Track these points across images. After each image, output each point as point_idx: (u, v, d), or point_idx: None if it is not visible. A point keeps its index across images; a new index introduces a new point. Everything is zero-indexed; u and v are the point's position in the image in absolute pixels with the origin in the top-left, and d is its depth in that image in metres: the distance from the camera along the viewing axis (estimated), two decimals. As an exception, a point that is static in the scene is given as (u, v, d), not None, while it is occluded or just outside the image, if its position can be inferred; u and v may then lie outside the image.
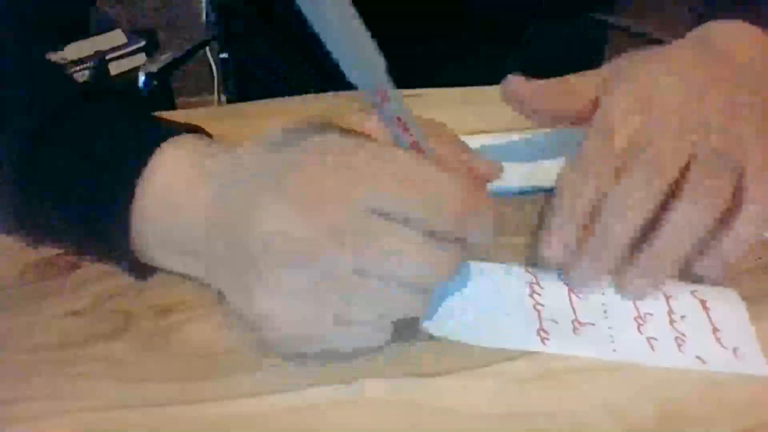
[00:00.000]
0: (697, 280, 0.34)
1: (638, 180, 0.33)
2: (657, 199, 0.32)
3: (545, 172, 0.42)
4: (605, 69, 0.40)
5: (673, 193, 0.33)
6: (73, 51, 1.41)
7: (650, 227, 0.33)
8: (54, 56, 1.32)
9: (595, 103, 0.38)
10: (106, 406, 0.29)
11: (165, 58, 0.84)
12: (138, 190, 0.32)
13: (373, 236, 0.27)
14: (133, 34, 1.56)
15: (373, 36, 0.25)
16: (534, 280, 0.34)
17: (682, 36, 0.42)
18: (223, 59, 0.83)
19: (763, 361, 0.30)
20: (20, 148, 0.33)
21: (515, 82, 0.39)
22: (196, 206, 0.31)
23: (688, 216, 0.32)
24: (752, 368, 0.30)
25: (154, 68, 0.82)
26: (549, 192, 0.40)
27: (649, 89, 0.36)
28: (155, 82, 0.81)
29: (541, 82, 0.39)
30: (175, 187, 0.32)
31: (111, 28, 1.52)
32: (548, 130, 0.45)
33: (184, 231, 0.32)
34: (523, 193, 0.41)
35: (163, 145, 0.33)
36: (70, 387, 0.30)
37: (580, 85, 0.39)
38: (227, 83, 0.86)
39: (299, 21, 0.23)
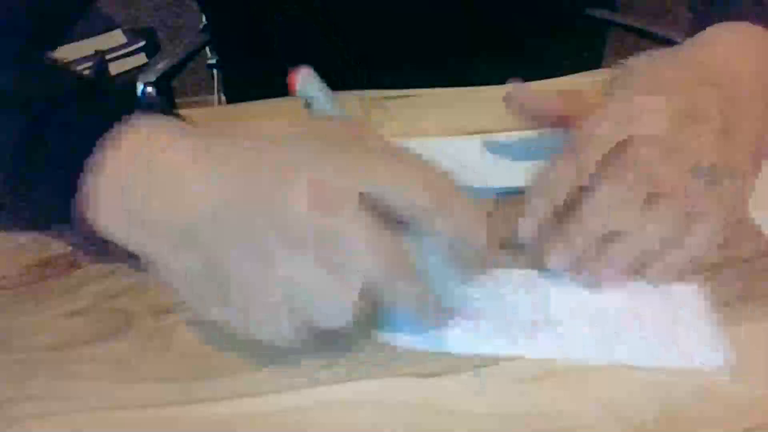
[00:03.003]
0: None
1: (622, 182, 0.34)
2: (638, 202, 0.34)
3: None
4: (606, 73, 0.40)
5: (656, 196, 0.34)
6: (73, 51, 1.41)
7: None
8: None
9: (594, 108, 0.38)
10: (106, 406, 0.29)
11: (163, 66, 0.83)
12: (107, 151, 0.31)
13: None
14: (133, 34, 1.56)
15: (373, 38, 0.26)
16: (493, 284, 0.35)
17: (680, 31, 0.42)
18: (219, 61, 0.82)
19: (720, 354, 0.31)
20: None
21: (517, 86, 0.40)
22: (173, 170, 0.30)
23: (663, 221, 0.33)
24: (708, 361, 0.31)
25: (152, 77, 0.81)
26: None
27: (641, 107, 0.36)
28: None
29: (542, 86, 0.40)
30: (150, 146, 0.31)
31: (111, 28, 1.51)
32: (545, 130, 0.45)
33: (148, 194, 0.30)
34: (523, 193, 0.41)
35: (137, 115, 0.32)
36: (70, 387, 0.30)
37: (580, 90, 0.40)
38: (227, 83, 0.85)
39: (291, 25, 0.23)
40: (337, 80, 0.50)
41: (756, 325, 0.32)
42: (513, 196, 0.40)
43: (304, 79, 0.31)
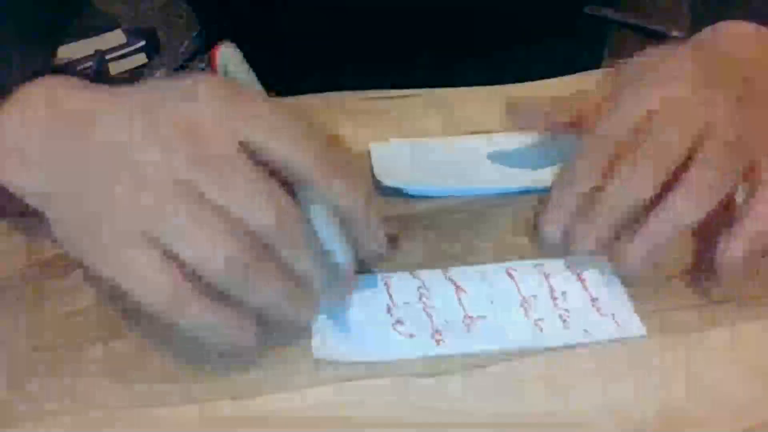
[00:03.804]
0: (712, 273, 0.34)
1: (645, 159, 0.33)
2: (662, 178, 0.33)
3: (546, 172, 0.42)
4: (611, 71, 0.40)
5: (676, 176, 0.33)
6: (73, 51, 1.41)
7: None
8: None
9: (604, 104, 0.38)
10: (106, 406, 0.29)
11: (161, 74, 0.83)
12: None
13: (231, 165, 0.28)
14: (133, 34, 1.56)
15: (374, 38, 0.26)
16: (421, 284, 0.34)
17: (681, 30, 0.42)
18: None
19: (639, 324, 0.32)
20: None
21: (518, 103, 0.40)
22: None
23: (690, 196, 0.32)
24: (630, 332, 0.31)
25: None
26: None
27: (656, 86, 0.36)
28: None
29: (543, 86, 0.40)
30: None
31: (111, 28, 1.51)
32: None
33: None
34: (523, 192, 0.41)
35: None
36: (70, 387, 0.30)
37: (585, 91, 0.40)
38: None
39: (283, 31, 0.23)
40: (337, 80, 0.50)
41: (756, 325, 0.32)
42: (513, 196, 0.40)
43: (225, 57, 0.31)
